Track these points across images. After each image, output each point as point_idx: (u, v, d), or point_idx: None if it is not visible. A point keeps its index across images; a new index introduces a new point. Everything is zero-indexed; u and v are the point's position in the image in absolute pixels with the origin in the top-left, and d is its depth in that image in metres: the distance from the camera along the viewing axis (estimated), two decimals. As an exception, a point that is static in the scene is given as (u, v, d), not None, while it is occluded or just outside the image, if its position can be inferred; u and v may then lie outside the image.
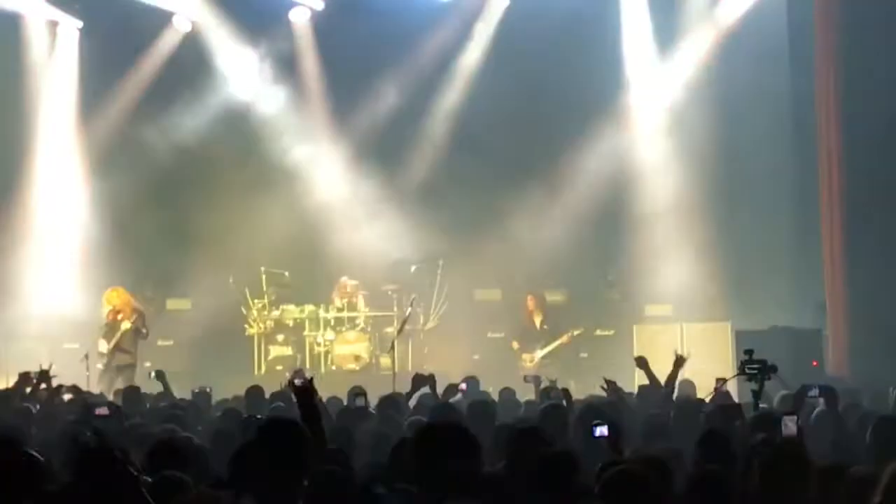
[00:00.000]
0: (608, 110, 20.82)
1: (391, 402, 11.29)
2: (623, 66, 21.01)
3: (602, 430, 7.87)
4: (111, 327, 17.40)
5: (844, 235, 17.71)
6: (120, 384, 16.52)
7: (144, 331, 17.54)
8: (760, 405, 9.55)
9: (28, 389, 12.39)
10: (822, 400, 10.48)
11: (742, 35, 20.08)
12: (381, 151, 21.26)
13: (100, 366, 17.11)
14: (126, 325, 17.31)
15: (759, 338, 16.06)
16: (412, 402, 11.87)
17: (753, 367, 9.21)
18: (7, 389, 12.47)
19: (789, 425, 8.16)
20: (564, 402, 10.57)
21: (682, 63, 20.65)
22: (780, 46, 19.80)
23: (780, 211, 20.17)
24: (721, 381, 11.65)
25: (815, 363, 16.42)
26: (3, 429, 9.51)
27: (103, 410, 10.38)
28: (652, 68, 20.92)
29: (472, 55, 21.44)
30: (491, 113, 20.86)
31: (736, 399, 11.53)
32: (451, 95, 21.47)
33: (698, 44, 20.54)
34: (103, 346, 17.24)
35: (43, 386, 12.36)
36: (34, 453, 6.40)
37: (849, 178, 17.67)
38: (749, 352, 9.44)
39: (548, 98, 20.60)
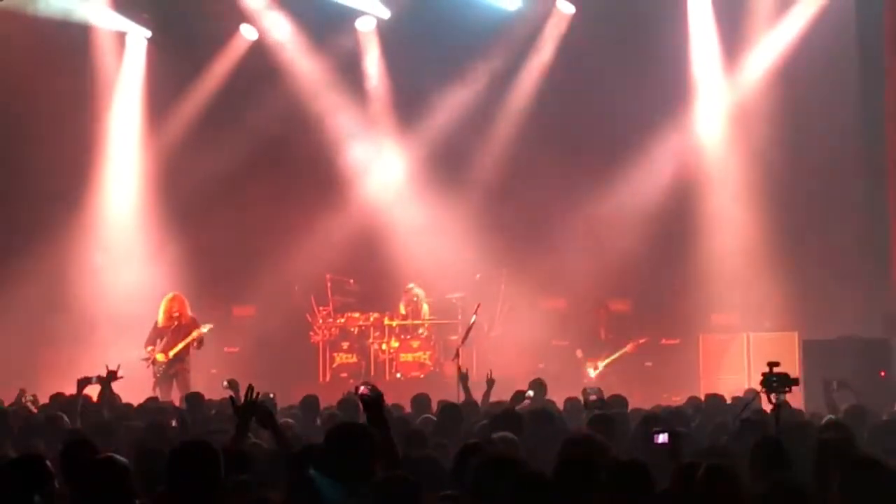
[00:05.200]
0: (673, 116, 20.68)
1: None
2: (689, 72, 20.83)
3: (663, 438, 7.72)
4: (172, 334, 17.47)
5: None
6: (175, 390, 16.68)
7: (202, 342, 17.65)
8: (828, 417, 9.38)
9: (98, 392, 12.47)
10: None
11: (811, 40, 19.86)
12: (447, 159, 21.24)
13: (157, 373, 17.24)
14: (195, 333, 17.40)
15: (827, 347, 15.88)
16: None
17: (773, 379, 8.94)
18: (70, 396, 12.50)
19: None
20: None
21: (749, 69, 20.46)
22: (850, 51, 19.57)
23: (849, 219, 19.91)
24: (751, 391, 11.41)
25: (882, 373, 16.17)
26: (79, 434, 9.54)
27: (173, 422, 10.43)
28: (718, 74, 20.73)
29: (538, 62, 21.38)
30: (556, 120, 20.83)
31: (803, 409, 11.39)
32: (517, 102, 21.42)
33: (765, 49, 20.34)
34: (161, 356, 17.32)
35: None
36: (119, 458, 6.45)
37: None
38: (771, 364, 9.12)
39: (613, 106, 20.42)
